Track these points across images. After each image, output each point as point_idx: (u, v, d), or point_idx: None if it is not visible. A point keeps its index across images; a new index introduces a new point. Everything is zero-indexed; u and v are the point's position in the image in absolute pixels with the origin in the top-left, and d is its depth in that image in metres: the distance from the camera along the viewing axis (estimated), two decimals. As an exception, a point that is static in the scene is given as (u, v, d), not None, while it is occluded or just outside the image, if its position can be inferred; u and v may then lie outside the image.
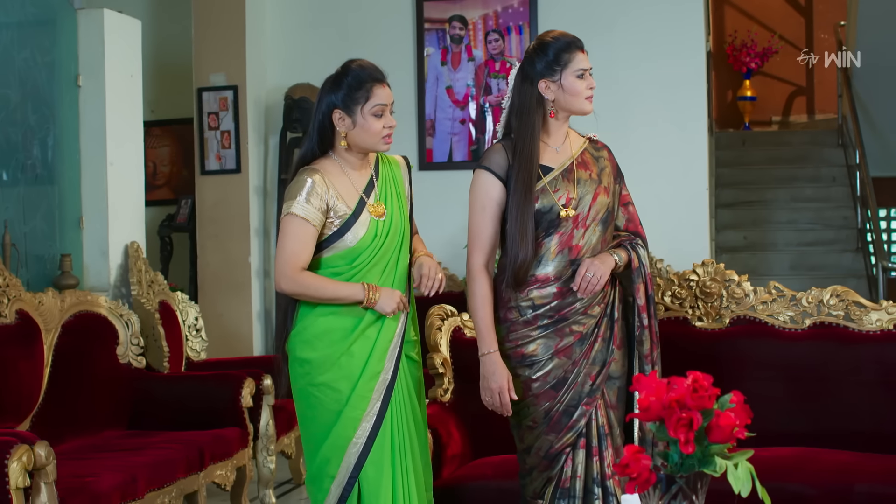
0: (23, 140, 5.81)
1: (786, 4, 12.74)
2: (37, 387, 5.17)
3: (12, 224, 5.72)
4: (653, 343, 3.86)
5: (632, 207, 3.99)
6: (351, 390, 3.81)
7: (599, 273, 3.71)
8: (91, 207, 6.29)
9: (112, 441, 5.32)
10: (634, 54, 7.69)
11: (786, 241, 10.22)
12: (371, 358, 3.83)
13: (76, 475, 4.52)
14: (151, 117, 8.68)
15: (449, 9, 7.94)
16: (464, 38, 7.91)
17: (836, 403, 4.59)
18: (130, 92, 6.53)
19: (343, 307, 3.82)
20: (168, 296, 6.61)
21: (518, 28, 7.82)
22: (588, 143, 3.95)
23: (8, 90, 5.70)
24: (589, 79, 3.84)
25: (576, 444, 3.80)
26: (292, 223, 3.80)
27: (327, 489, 3.85)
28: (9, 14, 5.72)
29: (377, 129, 3.84)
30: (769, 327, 4.72)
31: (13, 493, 3.91)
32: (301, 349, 3.86)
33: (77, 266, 6.27)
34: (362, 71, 3.87)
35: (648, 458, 2.30)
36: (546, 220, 3.79)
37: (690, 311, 4.82)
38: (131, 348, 5.77)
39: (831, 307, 4.69)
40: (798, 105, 12.67)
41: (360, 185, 3.90)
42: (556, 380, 3.79)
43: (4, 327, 5.03)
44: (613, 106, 7.63)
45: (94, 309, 5.67)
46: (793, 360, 4.66)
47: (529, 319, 3.80)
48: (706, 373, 4.62)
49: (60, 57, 6.16)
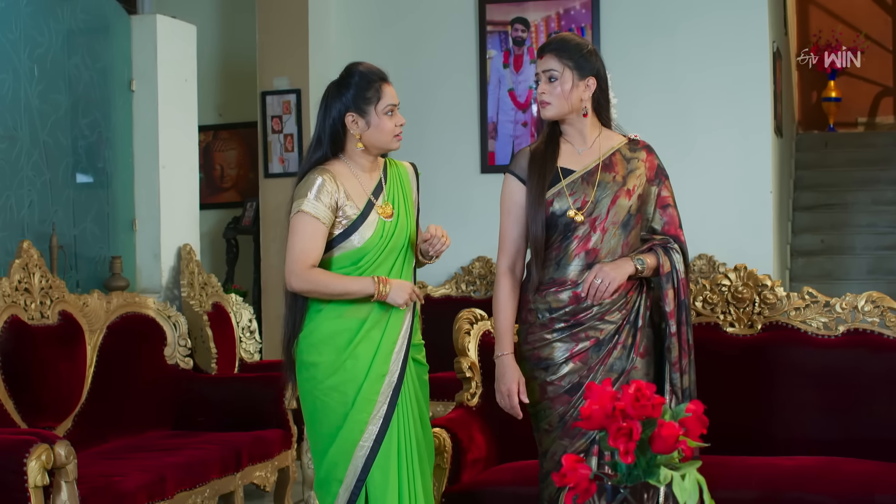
0: (72, 144, 5.91)
1: (872, 3, 12.47)
2: (78, 387, 5.26)
3: (61, 227, 5.83)
4: (682, 351, 3.76)
5: (672, 210, 3.85)
6: (357, 392, 3.81)
7: (609, 279, 3.65)
8: (144, 210, 6.40)
9: (154, 441, 5.39)
10: (697, 56, 7.59)
11: (864, 244, 9.98)
12: (376, 359, 3.82)
13: (105, 474, 4.59)
14: (219, 121, 8.81)
15: (511, 11, 7.92)
16: (526, 40, 7.88)
17: (868, 412, 4.48)
18: (184, 96, 6.62)
19: (348, 309, 3.82)
20: (222, 297, 6.69)
21: (580, 30, 7.76)
22: (626, 144, 3.87)
23: (57, 95, 5.80)
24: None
25: (589, 450, 3.75)
26: (302, 221, 3.81)
27: (335, 493, 3.85)
28: (58, 21, 5.82)
29: (390, 127, 3.87)
30: (801, 333, 4.62)
31: (31, 492, 3.98)
32: (308, 353, 3.87)
33: (130, 268, 6.37)
34: (369, 72, 3.89)
35: (588, 468, 2.26)
36: (561, 223, 3.76)
37: (722, 316, 4.74)
38: (179, 349, 5.84)
39: (866, 313, 4.58)
40: (885, 106, 12.40)
41: (370, 186, 3.91)
42: (571, 384, 3.74)
43: (46, 328, 5.13)
44: (676, 108, 7.56)
45: (141, 310, 5.76)
46: (824, 367, 4.56)
47: (546, 322, 3.77)
48: (736, 379, 4.58)
49: (113, 62, 6.26)
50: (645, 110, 7.57)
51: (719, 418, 4.54)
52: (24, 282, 5.06)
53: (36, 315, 5.10)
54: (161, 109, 6.39)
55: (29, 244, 5.10)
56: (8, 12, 5.47)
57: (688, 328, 3.75)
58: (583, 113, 3.81)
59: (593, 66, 3.81)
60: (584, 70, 3.78)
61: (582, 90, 3.78)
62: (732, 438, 4.60)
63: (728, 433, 4.60)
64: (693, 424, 2.39)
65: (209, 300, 6.55)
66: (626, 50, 7.64)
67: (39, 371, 5.02)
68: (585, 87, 3.78)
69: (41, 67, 5.68)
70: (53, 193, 5.79)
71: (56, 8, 5.82)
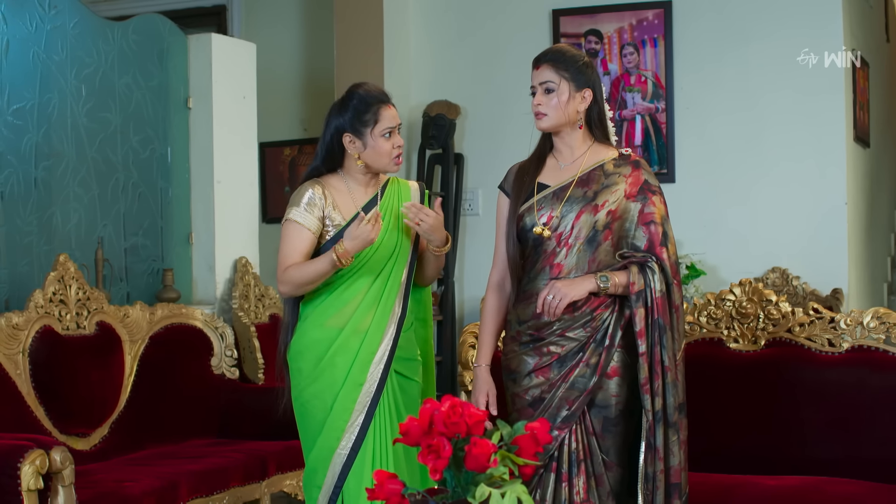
0: (122, 160, 6.13)
1: None
2: (114, 395, 5.45)
3: (111, 241, 6.04)
4: (654, 373, 3.62)
5: (656, 227, 3.71)
6: (334, 400, 3.91)
7: (560, 295, 3.60)
8: (200, 224, 6.59)
9: (189, 449, 5.52)
10: (770, 64, 7.43)
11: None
12: (353, 368, 3.92)
13: (119, 479, 4.77)
14: (304, 135, 8.98)
15: (584, 23, 7.89)
16: (599, 52, 7.84)
17: (868, 431, 4.36)
18: (243, 113, 6.79)
19: (329, 318, 3.93)
20: (280, 309, 6.84)
21: (653, 41, 7.69)
22: (613, 159, 3.82)
23: (107, 113, 6.02)
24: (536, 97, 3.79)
25: (548, 466, 3.74)
26: (288, 228, 3.97)
27: (315, 499, 3.95)
28: (108, 42, 6.05)
29: (387, 149, 3.96)
30: (804, 350, 4.52)
31: (25, 495, 4.15)
32: (294, 359, 4.02)
33: (186, 280, 6.57)
34: (368, 95, 3.99)
35: (400, 484, 2.28)
36: (531, 238, 3.78)
37: (726, 332, 4.67)
38: (225, 359, 6.00)
39: (871, 330, 4.45)
40: None
41: (362, 201, 4.02)
42: (533, 398, 3.74)
43: (81, 338, 5.34)
44: (749, 119, 7.43)
45: (188, 321, 5.94)
46: (826, 385, 4.44)
47: (514, 335, 3.80)
48: (738, 396, 4.49)
49: (169, 81, 6.47)
50: (718, 122, 7.46)
51: (719, 435, 4.53)
52: (58, 293, 5.28)
53: (72, 326, 5.31)
54: (216, 126, 6.57)
55: (66, 257, 5.31)
56: (55, 35, 5.72)
57: (662, 349, 3.61)
58: (578, 125, 3.81)
59: (589, 78, 3.80)
60: (580, 82, 3.78)
61: (578, 102, 3.77)
62: (732, 456, 4.54)
63: (727, 450, 4.56)
64: (526, 443, 2.39)
65: (266, 311, 6.70)
66: (699, 60, 7.54)
67: (70, 379, 5.22)
68: (582, 99, 3.78)
69: (89, 87, 5.91)
70: (102, 209, 6.00)
71: (106, 30, 6.05)
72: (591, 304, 3.69)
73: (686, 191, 7.47)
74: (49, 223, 5.70)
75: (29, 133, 5.59)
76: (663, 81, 7.58)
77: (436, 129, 7.87)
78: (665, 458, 3.64)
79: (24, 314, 5.12)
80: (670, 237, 3.75)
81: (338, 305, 3.95)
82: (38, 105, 5.63)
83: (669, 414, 3.65)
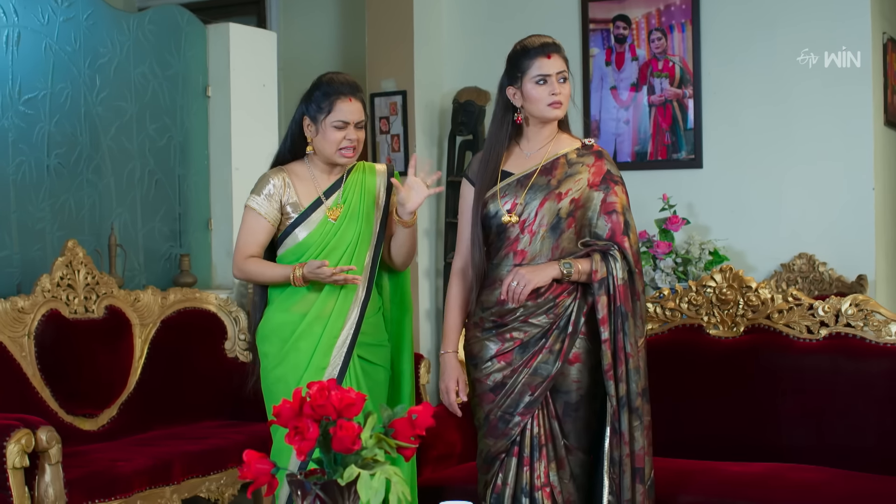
0: (138, 148, 6.26)
1: None
2: (122, 377, 5.58)
3: (126, 227, 6.18)
4: (617, 359, 3.65)
5: (617, 217, 3.73)
6: (297, 384, 3.98)
7: (525, 281, 3.64)
8: (219, 210, 6.70)
9: (197, 430, 5.61)
10: (798, 49, 7.35)
11: None
12: (316, 353, 4.02)
13: (113, 459, 4.90)
14: (339, 123, 9.07)
15: (612, 9, 7.87)
16: (627, 37, 7.83)
17: (842, 419, 4.34)
18: (263, 100, 6.89)
19: (294, 304, 4.04)
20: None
21: (681, 26, 7.66)
22: (576, 149, 3.86)
23: (123, 102, 6.16)
24: (552, 85, 3.78)
25: (510, 451, 3.79)
26: (247, 215, 4.15)
27: (281, 481, 4.03)
28: (122, 33, 6.18)
29: (334, 139, 4.04)
30: (782, 336, 4.51)
31: (10, 473, 4.29)
32: (260, 343, 4.15)
33: (205, 265, 6.69)
34: (329, 85, 4.08)
35: (270, 464, 2.35)
36: (495, 224, 3.82)
37: (706, 318, 4.67)
38: (239, 343, 6.12)
39: (850, 317, 4.43)
40: None
41: (323, 186, 4.12)
42: (495, 383, 3.79)
43: (89, 321, 5.48)
44: (776, 101, 7.36)
45: (202, 305, 6.06)
46: (802, 372, 4.44)
47: (477, 321, 3.85)
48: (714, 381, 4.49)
49: (188, 70, 6.59)
50: (745, 107, 7.40)
51: (696, 420, 4.54)
52: (66, 278, 5.43)
53: (80, 309, 5.46)
54: (234, 114, 6.67)
55: (74, 243, 5.46)
56: (67, 26, 5.85)
57: (624, 336, 3.63)
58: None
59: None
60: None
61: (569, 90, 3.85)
62: (707, 442, 4.55)
63: (705, 436, 4.57)
64: (403, 426, 2.45)
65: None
66: (727, 45, 7.49)
67: (76, 361, 5.36)
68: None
69: (103, 77, 6.04)
70: (118, 195, 6.14)
71: (121, 21, 6.17)
72: (554, 291, 3.72)
73: (713, 176, 7.44)
74: (62, 210, 5.84)
75: (41, 122, 5.72)
76: (691, 67, 7.53)
77: (465, 116, 7.92)
78: (630, 442, 3.66)
79: (31, 298, 5.26)
80: (632, 226, 3.77)
81: (302, 291, 4.03)
82: (51, 95, 5.76)
83: (633, 399, 3.68)
